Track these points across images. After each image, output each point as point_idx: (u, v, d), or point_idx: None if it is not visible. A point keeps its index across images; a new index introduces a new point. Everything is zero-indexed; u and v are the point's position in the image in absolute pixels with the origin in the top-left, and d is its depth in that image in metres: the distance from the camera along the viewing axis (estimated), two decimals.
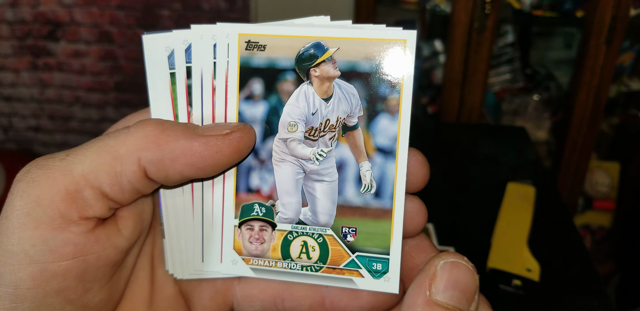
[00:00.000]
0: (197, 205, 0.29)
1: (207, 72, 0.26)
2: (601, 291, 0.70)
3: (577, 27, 1.67)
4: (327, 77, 0.25)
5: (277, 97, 0.26)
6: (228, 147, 0.25)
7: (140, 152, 0.25)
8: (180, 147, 0.25)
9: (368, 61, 0.25)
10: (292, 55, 0.25)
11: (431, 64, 1.70)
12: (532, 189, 0.90)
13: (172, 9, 1.49)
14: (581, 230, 1.89)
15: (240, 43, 0.26)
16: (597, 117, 1.52)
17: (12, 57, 1.60)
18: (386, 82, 0.25)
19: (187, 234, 0.29)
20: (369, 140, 0.26)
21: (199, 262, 0.29)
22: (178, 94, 0.27)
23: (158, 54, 0.27)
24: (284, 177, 0.27)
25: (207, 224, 0.29)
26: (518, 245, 0.76)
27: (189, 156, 0.25)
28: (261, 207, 0.28)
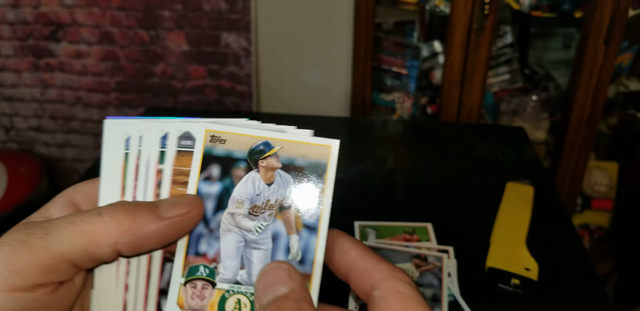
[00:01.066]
0: (133, 263, 0.34)
1: (153, 157, 0.34)
2: (600, 291, 0.70)
3: (575, 27, 1.67)
4: (271, 167, 0.33)
5: (230, 180, 0.33)
6: (189, 225, 0.32)
7: (116, 238, 0.30)
8: (150, 232, 0.30)
9: (303, 158, 0.33)
10: (245, 149, 0.33)
11: (430, 65, 1.71)
12: (531, 188, 0.90)
13: (173, 9, 1.49)
14: (580, 230, 1.90)
15: (206, 136, 0.33)
16: (595, 117, 1.53)
17: (13, 57, 1.61)
18: (314, 175, 0.33)
19: (111, 287, 0.34)
20: (298, 218, 0.33)
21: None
22: (128, 171, 0.34)
23: (117, 136, 0.34)
24: (228, 244, 0.33)
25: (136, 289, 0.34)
26: (517, 245, 0.77)
27: (158, 237, 0.31)
28: (205, 268, 0.33)
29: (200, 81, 1.59)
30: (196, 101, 1.63)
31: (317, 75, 1.78)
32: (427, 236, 0.81)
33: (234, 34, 1.50)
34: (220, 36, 1.51)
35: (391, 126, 1.21)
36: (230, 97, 1.60)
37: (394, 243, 0.78)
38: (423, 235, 0.81)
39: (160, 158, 0.33)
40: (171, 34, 1.52)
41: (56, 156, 1.77)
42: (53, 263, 0.29)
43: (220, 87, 1.59)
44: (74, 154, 1.76)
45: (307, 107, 1.77)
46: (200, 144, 0.33)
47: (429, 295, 0.69)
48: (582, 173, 1.64)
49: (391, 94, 1.72)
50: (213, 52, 1.54)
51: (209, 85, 1.60)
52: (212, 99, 1.61)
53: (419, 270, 0.73)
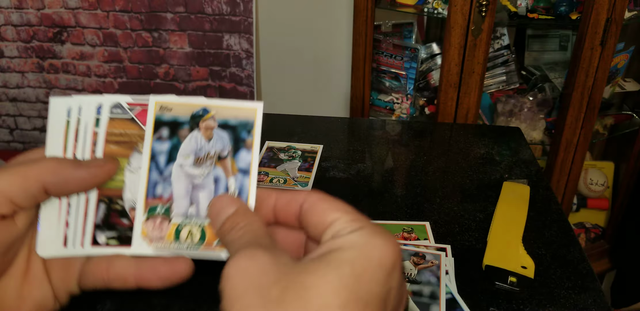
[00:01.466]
0: (73, 204, 0.43)
1: (90, 123, 0.43)
2: (596, 289, 0.71)
3: (572, 29, 1.68)
4: (209, 127, 0.42)
5: (177, 139, 0.42)
6: (103, 175, 0.41)
7: (44, 176, 0.39)
8: (70, 175, 0.40)
9: (235, 118, 0.42)
10: (188, 114, 0.42)
11: (428, 66, 1.72)
12: (527, 188, 0.91)
13: (176, 12, 1.50)
14: (576, 228, 1.91)
15: (156, 106, 0.42)
16: (591, 117, 1.54)
17: (17, 58, 1.62)
18: (245, 130, 0.42)
19: (55, 223, 0.43)
20: (233, 164, 0.42)
21: (60, 246, 0.43)
22: (69, 134, 0.43)
23: (60, 109, 0.43)
24: (179, 188, 0.42)
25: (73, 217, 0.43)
26: (513, 243, 0.77)
27: (76, 180, 0.40)
28: (162, 207, 0.42)
29: (203, 81, 1.60)
30: None
31: (317, 76, 1.79)
32: (425, 234, 0.82)
33: (236, 35, 1.51)
34: (222, 38, 1.52)
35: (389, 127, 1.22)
36: (231, 98, 1.61)
37: None
38: (421, 234, 0.82)
39: (95, 123, 0.43)
40: (174, 36, 1.53)
41: None
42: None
43: (222, 88, 1.60)
44: None
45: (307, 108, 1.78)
46: (151, 113, 0.42)
47: (427, 293, 0.70)
48: (578, 173, 1.65)
49: (390, 95, 1.73)
50: (215, 54, 1.55)
51: (210, 86, 1.60)
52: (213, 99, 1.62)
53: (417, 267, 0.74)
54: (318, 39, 1.73)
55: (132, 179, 0.43)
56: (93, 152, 0.43)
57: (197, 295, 0.68)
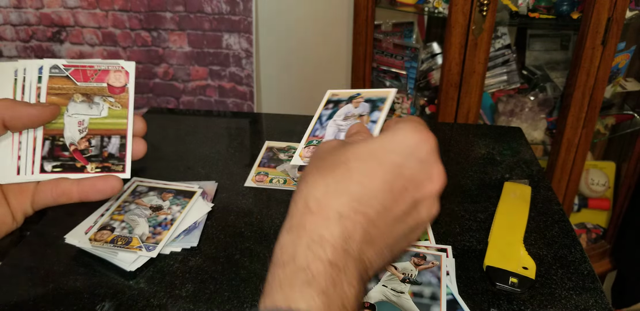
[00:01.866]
0: (23, 142, 0.54)
1: (34, 79, 0.54)
2: (597, 289, 0.71)
3: (573, 29, 1.68)
4: (358, 101, 0.60)
5: (337, 109, 0.61)
6: (48, 111, 0.52)
7: (2, 111, 0.50)
8: (24, 110, 0.51)
9: (376, 96, 0.60)
10: (347, 96, 0.63)
11: (429, 66, 1.72)
12: (528, 188, 0.91)
13: (175, 11, 1.50)
14: (577, 229, 1.91)
15: (329, 94, 0.65)
16: (592, 117, 1.54)
17: (16, 58, 1.62)
18: (380, 102, 0.58)
19: (10, 157, 0.53)
20: (368, 118, 0.56)
21: (14, 174, 0.53)
22: (17, 89, 0.53)
23: (8, 70, 0.54)
24: (329, 131, 0.58)
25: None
26: (514, 244, 0.77)
27: (28, 115, 0.51)
28: (317, 141, 0.60)
29: (202, 81, 1.60)
30: (198, 101, 1.64)
31: (317, 76, 1.79)
32: (426, 235, 0.82)
33: (235, 35, 1.51)
34: (222, 37, 1.52)
35: None
36: (231, 98, 1.61)
37: None
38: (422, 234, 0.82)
39: (38, 80, 0.54)
40: (173, 35, 1.53)
41: None
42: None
43: (222, 87, 1.60)
44: None
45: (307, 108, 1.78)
46: (325, 98, 0.63)
47: (428, 294, 0.69)
48: (579, 173, 1.65)
49: None
50: (214, 53, 1.55)
51: (210, 85, 1.60)
52: (213, 99, 1.62)
53: (417, 268, 0.73)
54: (318, 38, 1.72)
55: (70, 122, 0.54)
56: (38, 101, 0.54)
57: (196, 295, 0.68)
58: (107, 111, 0.55)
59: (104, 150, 0.55)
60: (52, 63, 0.54)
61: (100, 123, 0.55)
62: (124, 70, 0.56)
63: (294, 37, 1.71)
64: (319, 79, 1.80)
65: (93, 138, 0.55)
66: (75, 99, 0.54)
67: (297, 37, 1.71)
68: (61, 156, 0.54)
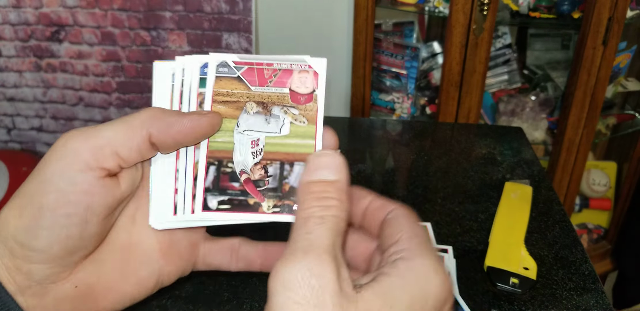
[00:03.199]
0: (180, 168, 0.40)
1: (195, 83, 0.40)
2: (598, 290, 0.71)
3: (574, 28, 1.68)
4: None
5: None
6: (205, 122, 0.38)
7: (148, 122, 0.36)
8: (174, 121, 0.37)
9: None
10: None
11: (429, 65, 1.71)
12: (529, 188, 0.91)
13: (174, 10, 1.50)
14: (578, 229, 1.91)
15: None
16: (593, 117, 1.54)
17: (15, 58, 1.61)
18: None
19: (164, 191, 0.40)
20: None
21: (170, 215, 0.40)
22: (174, 97, 0.40)
23: (163, 73, 0.41)
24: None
25: (183, 184, 0.40)
26: (515, 244, 0.77)
27: (180, 126, 0.37)
28: None
29: None
30: None
31: None
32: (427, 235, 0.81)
33: (235, 34, 1.51)
34: (221, 37, 1.52)
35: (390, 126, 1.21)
36: None
37: None
38: None
39: (200, 83, 0.40)
40: (172, 35, 1.53)
41: None
42: (99, 146, 0.35)
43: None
44: None
45: None
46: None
47: None
48: (580, 173, 1.65)
49: (390, 94, 1.73)
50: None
51: None
52: None
53: None
54: (318, 37, 1.72)
55: (241, 141, 0.40)
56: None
57: (195, 295, 0.68)
58: (289, 128, 0.40)
59: (284, 182, 0.40)
60: (219, 59, 0.40)
61: (279, 144, 0.40)
62: (312, 70, 0.40)
63: (294, 37, 1.71)
64: None
65: (270, 165, 0.40)
66: (249, 110, 0.40)
67: (297, 37, 1.71)
68: (229, 188, 0.40)
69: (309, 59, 0.40)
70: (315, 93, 0.40)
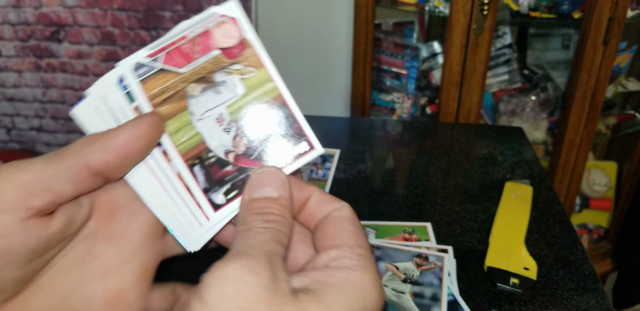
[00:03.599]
0: (169, 189, 0.36)
1: (124, 103, 0.36)
2: (598, 290, 0.71)
3: (574, 28, 1.68)
4: None
5: None
6: (144, 124, 0.33)
7: (83, 149, 0.32)
8: (109, 137, 0.32)
9: None
10: None
11: (430, 65, 1.71)
12: (530, 188, 0.90)
13: (174, 10, 1.50)
14: (578, 229, 1.90)
15: None
16: (594, 117, 1.53)
17: (15, 58, 1.61)
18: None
19: (174, 216, 0.36)
20: None
21: (199, 227, 0.36)
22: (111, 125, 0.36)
23: (89, 115, 0.36)
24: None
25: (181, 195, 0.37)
26: (515, 244, 0.77)
27: (118, 140, 0.32)
28: None
29: None
30: None
31: (317, 75, 1.79)
32: (427, 235, 0.81)
33: None
34: None
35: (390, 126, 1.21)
36: None
37: (394, 243, 0.79)
38: (422, 235, 0.82)
39: (129, 99, 0.36)
40: None
41: None
42: (28, 180, 0.30)
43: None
44: None
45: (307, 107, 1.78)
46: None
47: (429, 294, 0.69)
48: (580, 173, 1.65)
49: (391, 94, 1.73)
50: None
51: None
52: None
53: (419, 269, 0.73)
54: (318, 38, 1.72)
55: (206, 125, 0.36)
56: None
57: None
58: (242, 85, 0.37)
59: (271, 137, 0.38)
60: (131, 63, 0.36)
61: (244, 105, 0.37)
62: (228, 18, 0.37)
63: (294, 37, 1.71)
64: (319, 79, 1.80)
65: (247, 129, 0.37)
66: (193, 93, 0.36)
67: (297, 37, 1.71)
68: (225, 175, 0.37)
69: (217, 9, 0.36)
70: (245, 37, 0.37)
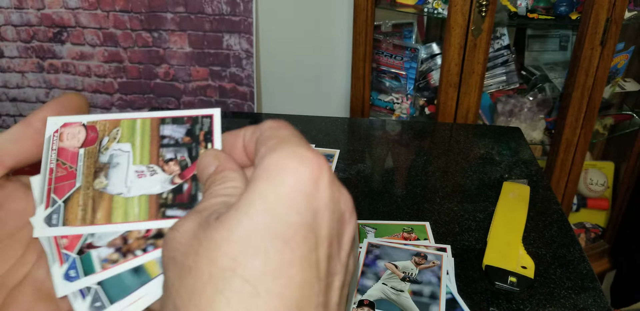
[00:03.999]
0: None
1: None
2: (596, 289, 0.71)
3: (572, 29, 1.68)
4: None
5: None
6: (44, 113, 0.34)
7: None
8: (18, 132, 0.34)
9: None
10: None
11: (428, 66, 1.72)
12: (527, 188, 0.91)
13: (176, 12, 1.50)
14: (576, 228, 1.91)
15: None
16: (591, 117, 1.54)
17: (18, 58, 1.62)
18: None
19: None
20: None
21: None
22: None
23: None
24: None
25: None
26: (513, 243, 0.78)
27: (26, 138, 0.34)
28: None
29: (202, 82, 1.60)
30: (198, 101, 1.64)
31: (317, 76, 1.80)
32: (425, 234, 0.82)
33: (236, 35, 1.52)
34: (222, 38, 1.53)
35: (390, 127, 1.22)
36: (231, 98, 1.61)
37: (393, 242, 0.79)
38: (421, 234, 0.82)
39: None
40: (174, 36, 1.53)
41: None
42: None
43: (222, 88, 1.60)
44: None
45: (307, 108, 1.78)
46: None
47: (427, 293, 0.70)
48: (578, 173, 1.65)
49: (390, 95, 1.73)
50: (215, 54, 1.55)
51: (211, 86, 1.61)
52: (213, 99, 1.62)
53: (418, 267, 0.74)
54: (318, 39, 1.73)
55: (140, 187, 0.36)
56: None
57: None
58: (124, 143, 0.38)
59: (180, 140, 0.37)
60: (40, 223, 0.35)
61: (141, 149, 0.37)
62: (59, 131, 0.37)
63: (294, 38, 1.72)
64: (319, 80, 1.81)
65: (165, 154, 0.37)
66: (102, 185, 0.36)
67: (297, 38, 1.72)
68: (188, 193, 0.36)
69: (48, 133, 0.36)
70: (84, 123, 0.37)
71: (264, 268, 0.25)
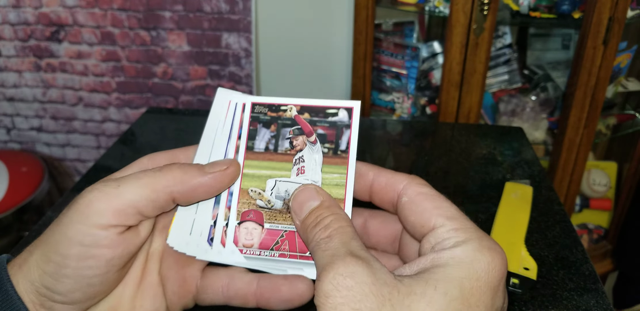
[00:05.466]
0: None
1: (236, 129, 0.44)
2: (599, 290, 0.71)
3: (574, 28, 1.68)
4: None
5: None
6: (226, 178, 0.40)
7: (172, 188, 0.38)
8: (197, 183, 0.38)
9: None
10: None
11: (430, 65, 1.71)
12: (530, 188, 0.90)
13: (174, 10, 1.50)
14: (578, 229, 1.90)
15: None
16: (594, 117, 1.53)
17: (15, 58, 1.61)
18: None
19: (195, 221, 0.41)
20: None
21: (202, 248, 0.41)
22: (223, 133, 0.44)
23: (223, 101, 0.46)
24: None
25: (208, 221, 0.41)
26: (515, 244, 0.77)
27: (202, 187, 0.39)
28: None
29: (201, 81, 1.59)
30: (197, 101, 1.63)
31: (317, 75, 1.79)
32: None
33: (235, 34, 1.51)
34: (221, 37, 1.52)
35: (390, 126, 1.21)
36: None
37: None
38: None
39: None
40: (172, 35, 1.53)
41: (57, 156, 1.77)
42: (122, 208, 0.36)
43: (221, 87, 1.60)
44: (75, 154, 1.76)
45: None
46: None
47: None
48: (581, 173, 1.65)
49: (391, 94, 1.73)
50: (214, 53, 1.55)
51: (209, 85, 1.60)
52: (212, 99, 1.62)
53: None
54: (318, 37, 1.72)
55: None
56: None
57: None
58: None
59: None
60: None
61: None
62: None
63: (294, 37, 1.71)
64: (319, 79, 1.80)
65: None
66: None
67: (297, 37, 1.71)
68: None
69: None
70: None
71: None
